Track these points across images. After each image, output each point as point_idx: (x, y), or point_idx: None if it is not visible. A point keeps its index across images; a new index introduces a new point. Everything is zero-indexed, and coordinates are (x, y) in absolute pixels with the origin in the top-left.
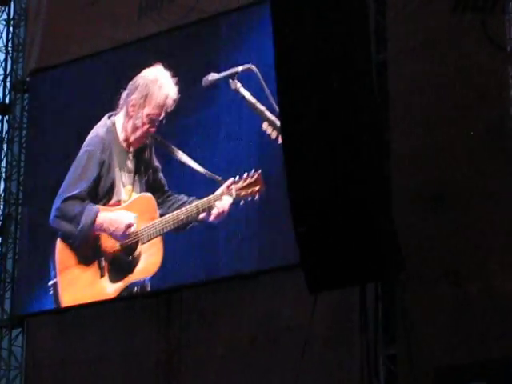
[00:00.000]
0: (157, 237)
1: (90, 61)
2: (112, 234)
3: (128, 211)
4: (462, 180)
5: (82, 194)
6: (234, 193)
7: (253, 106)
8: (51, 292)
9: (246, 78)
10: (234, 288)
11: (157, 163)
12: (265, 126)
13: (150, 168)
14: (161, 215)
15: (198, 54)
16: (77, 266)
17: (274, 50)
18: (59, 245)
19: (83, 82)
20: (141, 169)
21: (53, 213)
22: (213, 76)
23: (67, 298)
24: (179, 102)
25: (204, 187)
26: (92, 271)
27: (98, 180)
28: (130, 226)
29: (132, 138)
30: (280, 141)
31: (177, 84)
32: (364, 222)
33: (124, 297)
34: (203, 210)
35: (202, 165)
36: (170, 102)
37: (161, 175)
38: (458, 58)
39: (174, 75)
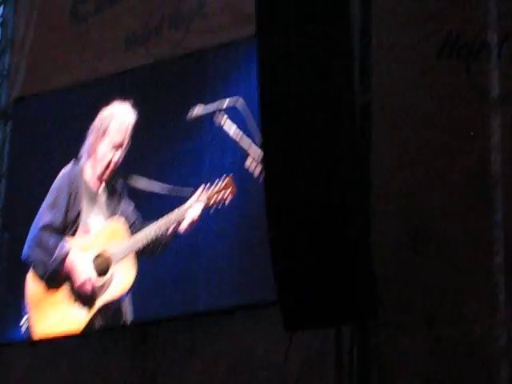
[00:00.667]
0: (128, 254)
1: (74, 91)
2: (74, 279)
3: (96, 240)
4: (441, 226)
5: (55, 224)
6: (205, 199)
7: (237, 140)
8: (25, 323)
9: (232, 113)
10: (210, 323)
11: (128, 202)
12: (248, 162)
13: (119, 205)
14: None
15: (180, 89)
16: (47, 293)
17: (259, 88)
18: (30, 277)
19: (65, 112)
20: (112, 206)
21: (28, 242)
22: (198, 110)
23: (40, 329)
24: (145, 136)
25: (174, 206)
26: (63, 297)
27: (66, 210)
28: (86, 282)
29: (98, 174)
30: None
31: (134, 108)
32: (343, 264)
33: (98, 329)
34: (174, 222)
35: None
36: (130, 126)
37: (129, 211)
38: (441, 103)
39: (134, 106)
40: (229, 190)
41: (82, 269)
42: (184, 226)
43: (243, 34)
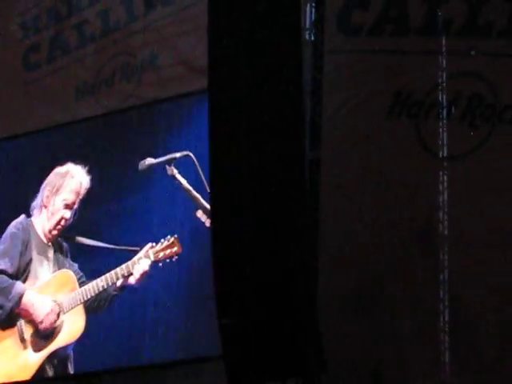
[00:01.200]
0: (78, 305)
1: (24, 140)
2: (33, 317)
3: (46, 289)
4: (388, 284)
5: (9, 270)
6: (151, 256)
7: (188, 192)
8: None
9: (183, 165)
10: (153, 376)
11: (70, 262)
12: (199, 213)
13: (65, 261)
14: None
15: (130, 141)
16: (1, 341)
17: (209, 141)
18: None
19: (15, 161)
20: (60, 263)
21: None
22: (149, 161)
23: None
24: (95, 191)
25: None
26: (14, 343)
27: (20, 257)
28: (48, 314)
29: (49, 228)
30: None
31: (89, 173)
32: (288, 319)
33: (43, 378)
34: (122, 276)
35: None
36: (83, 190)
37: (75, 269)
38: (390, 161)
39: (85, 166)
40: (174, 249)
41: (42, 303)
42: (136, 276)
43: (195, 86)
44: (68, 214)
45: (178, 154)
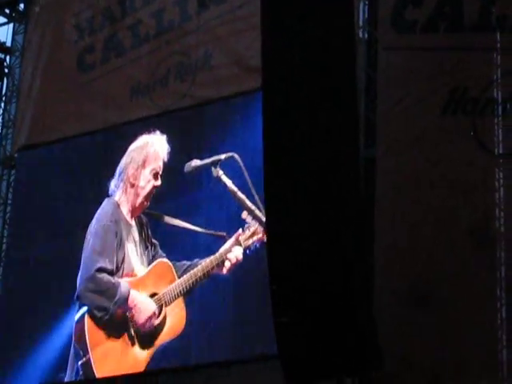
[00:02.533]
0: (179, 297)
1: (79, 141)
2: (137, 317)
3: (147, 280)
4: (444, 282)
5: (108, 266)
6: (242, 243)
7: (234, 194)
8: (81, 372)
9: (229, 167)
10: (208, 376)
11: (154, 240)
12: (244, 214)
13: (150, 242)
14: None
15: (183, 140)
16: (107, 339)
17: (263, 141)
18: (88, 323)
19: (70, 161)
20: (144, 241)
21: (82, 284)
22: (195, 162)
23: (102, 371)
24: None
25: (204, 248)
26: (122, 341)
27: (116, 251)
28: (150, 318)
29: (140, 201)
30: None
31: (168, 142)
32: (344, 317)
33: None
34: (217, 265)
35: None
36: (166, 155)
37: (160, 251)
38: (446, 159)
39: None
40: (260, 235)
41: (145, 306)
42: (228, 265)
43: (249, 86)
44: (158, 182)
45: (223, 156)
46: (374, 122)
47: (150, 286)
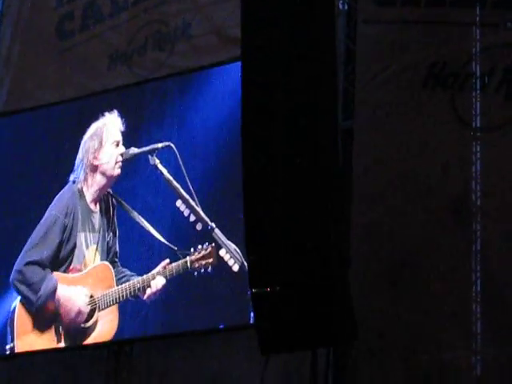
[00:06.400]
0: (114, 304)
1: (56, 108)
2: (65, 313)
3: (86, 279)
4: (420, 255)
5: (44, 260)
6: (188, 264)
7: (169, 182)
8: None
9: (165, 155)
10: (184, 345)
11: (117, 228)
12: (178, 203)
13: (111, 229)
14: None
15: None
16: (33, 331)
17: (241, 110)
18: (19, 309)
19: (47, 129)
20: (105, 227)
21: (13, 274)
22: (133, 150)
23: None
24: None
25: (156, 255)
26: (48, 337)
27: (60, 246)
28: (79, 312)
29: (104, 183)
30: (192, 219)
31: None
32: (320, 288)
33: (73, 347)
34: (142, 288)
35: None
36: (120, 125)
37: (117, 243)
38: (424, 132)
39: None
40: (210, 260)
41: (72, 302)
42: (147, 293)
43: (227, 56)
44: (123, 148)
45: (159, 145)
46: (353, 94)
47: (88, 287)
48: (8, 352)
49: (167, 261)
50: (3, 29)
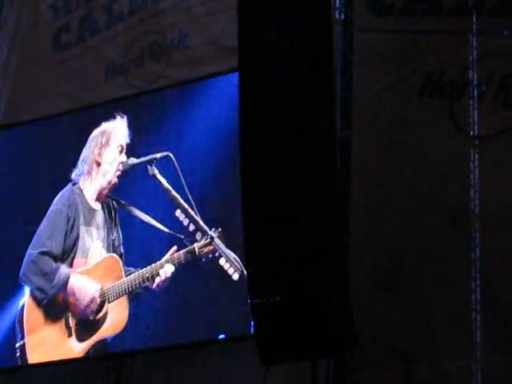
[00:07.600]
0: (123, 296)
1: (55, 120)
2: (77, 303)
3: (94, 272)
4: (419, 263)
5: (54, 251)
6: (196, 250)
7: (168, 192)
8: (18, 354)
9: (164, 165)
10: (185, 357)
11: (120, 231)
12: (178, 212)
13: (116, 231)
14: None
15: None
16: (44, 325)
17: (239, 121)
18: (28, 304)
19: (47, 141)
20: (108, 228)
21: (24, 267)
22: (132, 160)
23: (35, 358)
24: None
25: (158, 250)
26: (59, 330)
27: (65, 236)
28: (92, 300)
29: (108, 180)
30: (191, 228)
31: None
32: (320, 298)
33: (74, 359)
34: (151, 277)
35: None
36: (126, 134)
37: (121, 246)
38: (422, 141)
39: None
40: (211, 247)
41: (84, 291)
42: (156, 281)
43: (225, 66)
44: (124, 157)
45: (158, 155)
46: (351, 103)
47: (97, 279)
48: (18, 348)
49: (175, 248)
50: (0, 41)
